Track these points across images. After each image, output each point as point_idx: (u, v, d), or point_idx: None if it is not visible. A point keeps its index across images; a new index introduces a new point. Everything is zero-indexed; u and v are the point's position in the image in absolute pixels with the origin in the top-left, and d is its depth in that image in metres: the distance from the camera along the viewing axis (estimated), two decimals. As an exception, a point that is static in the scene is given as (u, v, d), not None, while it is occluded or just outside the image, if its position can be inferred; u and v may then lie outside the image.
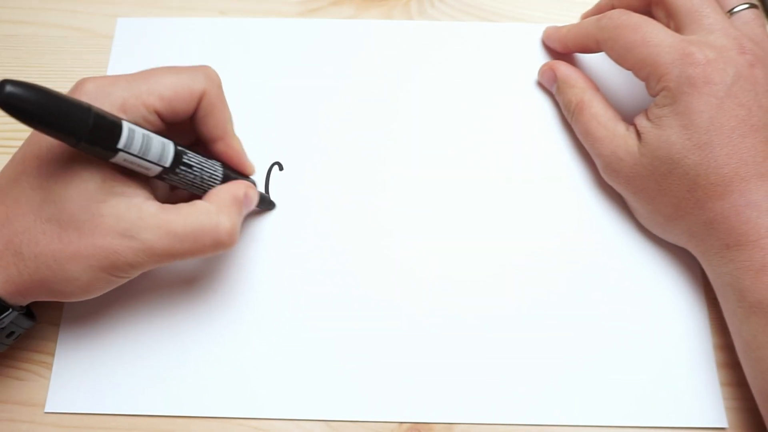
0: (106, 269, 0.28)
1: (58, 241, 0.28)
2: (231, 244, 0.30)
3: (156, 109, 0.29)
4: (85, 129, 0.25)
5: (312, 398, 0.33)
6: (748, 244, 0.30)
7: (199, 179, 0.31)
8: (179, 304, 0.35)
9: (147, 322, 0.34)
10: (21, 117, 0.24)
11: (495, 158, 0.38)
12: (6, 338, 0.31)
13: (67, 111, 0.25)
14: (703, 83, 0.31)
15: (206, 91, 0.31)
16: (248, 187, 0.33)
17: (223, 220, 0.30)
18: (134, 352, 0.34)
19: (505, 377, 0.34)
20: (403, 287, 0.35)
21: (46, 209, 0.28)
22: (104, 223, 0.28)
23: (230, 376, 0.34)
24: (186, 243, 0.29)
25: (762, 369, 0.30)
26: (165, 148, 0.29)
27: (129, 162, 0.28)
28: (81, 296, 0.30)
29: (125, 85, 0.29)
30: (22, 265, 0.28)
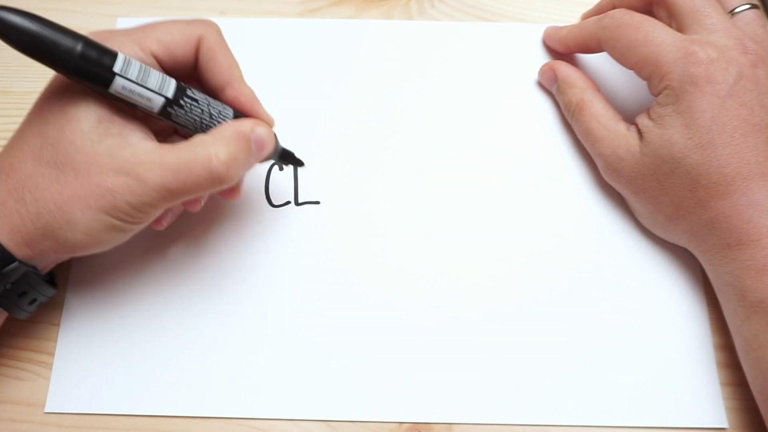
0: (105, 210, 0.28)
1: (56, 182, 0.28)
2: (228, 178, 0.29)
3: (153, 52, 0.29)
4: (74, 54, 0.26)
5: (312, 398, 0.33)
6: (749, 243, 0.30)
7: (208, 115, 0.30)
8: (179, 305, 0.35)
9: (147, 322, 0.34)
10: (11, 42, 0.25)
11: (495, 158, 0.38)
12: (20, 299, 0.30)
13: (56, 38, 0.26)
14: (706, 82, 0.31)
15: (204, 35, 0.30)
16: (257, 124, 0.30)
17: (219, 150, 0.28)
18: (134, 352, 0.34)
19: (505, 377, 0.34)
20: (402, 287, 0.35)
21: (44, 153, 0.28)
22: (99, 161, 0.28)
23: (230, 376, 0.34)
24: (179, 175, 0.28)
25: (762, 369, 0.30)
26: (165, 80, 0.28)
27: (128, 91, 0.27)
28: (88, 246, 0.29)
29: (124, 34, 0.29)
30: (25, 211, 0.28)
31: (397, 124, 0.39)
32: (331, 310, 0.35)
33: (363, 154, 0.38)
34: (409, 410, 0.33)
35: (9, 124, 0.39)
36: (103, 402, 0.33)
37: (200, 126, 0.30)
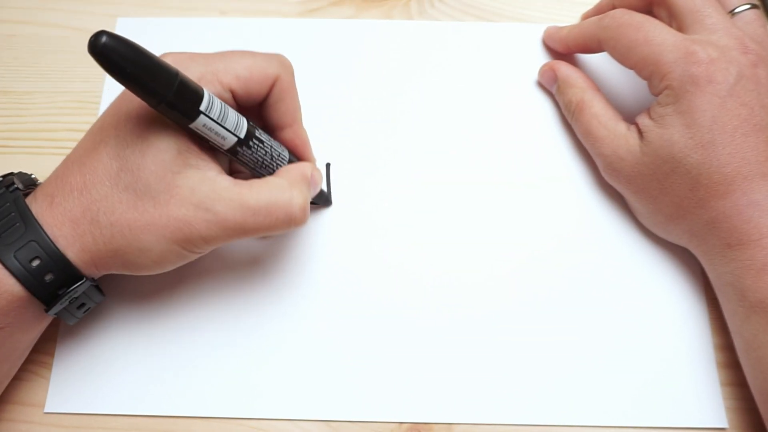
0: (178, 241, 0.28)
1: (134, 209, 0.28)
2: (303, 221, 0.30)
3: (231, 88, 0.30)
4: (171, 90, 0.26)
5: (312, 398, 0.33)
6: (749, 243, 0.30)
7: (269, 157, 0.31)
8: (178, 305, 0.35)
9: (147, 323, 0.34)
10: (112, 70, 0.24)
11: (495, 158, 0.38)
12: (77, 310, 0.31)
13: (156, 70, 0.25)
14: (706, 82, 0.31)
15: (280, 76, 0.31)
16: (314, 169, 0.32)
17: (296, 195, 0.30)
18: (134, 352, 0.34)
19: (505, 377, 0.34)
20: (402, 287, 0.35)
21: (123, 178, 0.28)
22: (179, 194, 0.28)
23: (230, 376, 0.34)
24: (259, 217, 0.29)
25: (762, 368, 0.30)
26: (239, 120, 0.29)
27: (207, 128, 0.28)
28: (152, 269, 0.30)
29: (203, 62, 0.29)
30: (98, 233, 0.28)
31: (397, 124, 0.39)
32: (330, 311, 0.35)
33: (363, 154, 0.38)
34: (409, 410, 0.33)
35: (9, 124, 0.39)
36: (103, 402, 0.33)
37: (260, 166, 0.31)
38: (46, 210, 0.29)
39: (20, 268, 0.28)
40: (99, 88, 0.40)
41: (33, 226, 0.28)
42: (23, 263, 0.28)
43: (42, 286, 0.28)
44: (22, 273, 0.28)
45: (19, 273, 0.28)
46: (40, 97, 0.40)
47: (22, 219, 0.28)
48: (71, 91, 0.40)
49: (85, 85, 0.40)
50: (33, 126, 0.39)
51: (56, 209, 0.28)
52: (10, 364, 0.31)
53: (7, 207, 0.28)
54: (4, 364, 0.30)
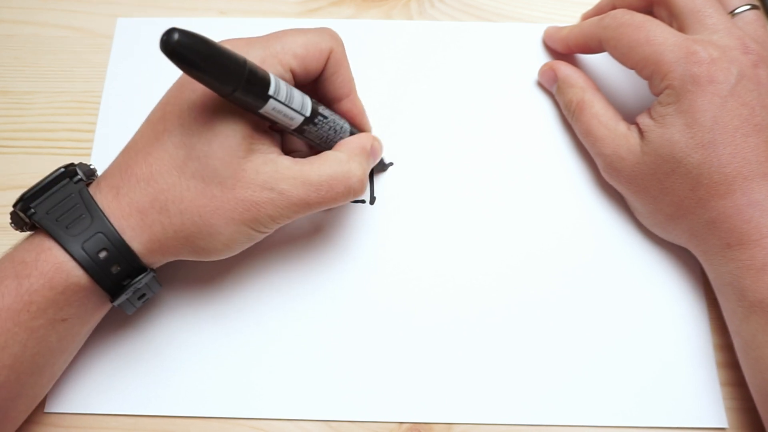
0: (247, 222, 0.29)
1: (202, 196, 0.29)
2: (362, 191, 0.31)
3: (291, 67, 0.30)
4: (242, 78, 0.26)
5: (312, 398, 0.33)
6: (749, 243, 0.30)
7: (333, 131, 0.32)
8: (178, 305, 0.35)
9: (146, 322, 0.34)
10: (187, 66, 0.25)
11: (495, 158, 0.38)
12: (137, 300, 0.31)
13: (227, 62, 0.26)
14: (707, 82, 0.31)
15: (333, 48, 0.31)
16: (374, 140, 0.33)
17: (354, 168, 0.31)
18: (134, 352, 0.34)
19: (505, 377, 0.34)
20: (402, 287, 0.35)
21: (190, 166, 0.29)
22: (245, 176, 0.29)
23: (230, 376, 0.34)
24: (321, 191, 0.30)
25: (761, 368, 0.30)
26: (304, 99, 0.30)
27: (276, 111, 0.28)
28: (222, 253, 0.31)
29: (261, 46, 0.30)
30: (168, 221, 0.29)
31: (396, 124, 0.39)
32: (330, 311, 0.35)
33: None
34: (409, 410, 0.33)
35: (9, 124, 0.39)
36: (103, 402, 0.33)
37: (325, 140, 0.32)
38: (112, 201, 0.29)
39: (88, 260, 0.28)
40: (99, 88, 0.40)
41: (99, 217, 0.29)
42: (91, 255, 0.28)
43: (108, 277, 0.29)
44: (90, 264, 0.28)
45: (87, 264, 0.28)
46: (40, 97, 0.40)
47: (88, 210, 0.29)
48: (71, 91, 0.40)
49: (85, 85, 0.40)
50: (33, 126, 0.39)
51: (122, 200, 0.29)
52: (68, 354, 0.31)
53: (72, 198, 0.29)
54: (63, 355, 0.31)
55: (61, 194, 0.29)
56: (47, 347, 0.29)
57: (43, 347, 0.29)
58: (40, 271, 0.28)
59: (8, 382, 0.28)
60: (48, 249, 0.28)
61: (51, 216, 0.29)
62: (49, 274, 0.28)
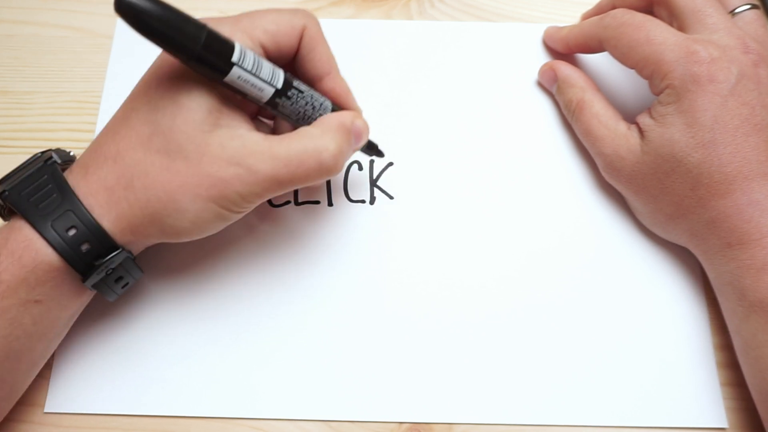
0: (214, 199, 0.28)
1: (167, 171, 0.28)
2: (336, 169, 0.30)
3: (261, 42, 0.30)
4: (199, 42, 0.26)
5: (312, 398, 0.33)
6: (750, 242, 0.30)
7: (311, 107, 0.31)
8: (178, 305, 0.35)
9: (146, 322, 0.34)
10: (138, 26, 0.25)
11: (495, 158, 0.38)
12: (115, 284, 0.31)
13: (183, 24, 0.25)
14: (708, 81, 0.31)
15: (307, 25, 0.31)
16: (356, 117, 0.32)
17: (328, 143, 0.29)
18: (134, 352, 0.34)
19: (505, 377, 0.33)
20: (401, 287, 0.35)
21: (154, 141, 0.28)
22: (210, 151, 0.28)
23: (230, 376, 0.34)
24: (290, 166, 0.29)
25: (761, 368, 0.30)
26: (275, 71, 0.29)
27: (243, 81, 0.28)
28: (192, 232, 0.30)
29: (229, 22, 0.29)
30: (133, 198, 0.28)
31: (396, 124, 0.39)
32: (330, 311, 0.35)
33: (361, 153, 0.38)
34: (409, 410, 0.33)
35: (9, 124, 0.39)
36: (103, 402, 0.33)
37: (302, 117, 0.31)
38: (81, 180, 0.29)
39: (57, 238, 0.28)
40: (99, 88, 0.40)
41: (69, 196, 0.28)
42: (60, 233, 0.28)
43: (78, 255, 0.28)
44: (59, 243, 0.28)
45: (56, 242, 0.28)
46: (40, 97, 0.40)
47: (59, 189, 0.28)
48: (71, 91, 0.40)
49: (85, 85, 0.40)
50: (33, 126, 0.39)
51: (91, 178, 0.29)
52: (46, 342, 0.31)
53: (44, 179, 0.29)
54: (42, 341, 0.30)
55: (35, 176, 0.29)
56: (22, 330, 0.28)
57: (16, 329, 0.28)
58: (9, 250, 0.28)
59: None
60: (18, 228, 0.28)
61: (23, 197, 0.28)
62: (18, 252, 0.28)
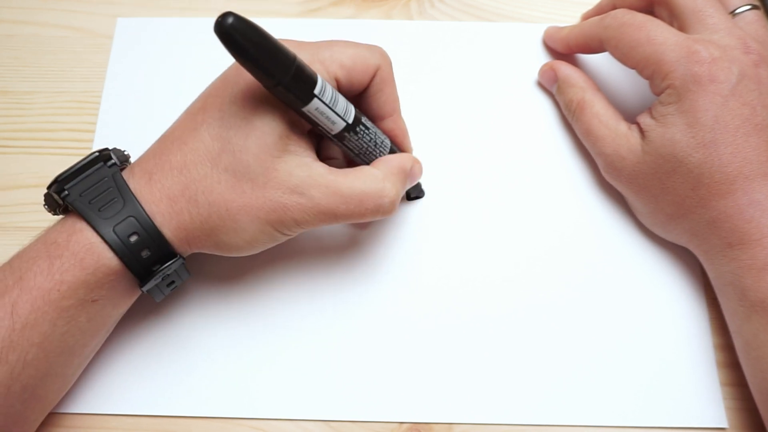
0: (272, 223, 0.29)
1: (232, 190, 0.29)
2: (391, 212, 0.31)
3: (337, 76, 0.30)
4: (289, 71, 0.26)
5: (312, 398, 0.33)
6: (750, 243, 0.30)
7: (373, 144, 0.32)
8: (177, 306, 0.35)
9: (146, 322, 0.34)
10: (237, 51, 0.25)
11: (495, 158, 0.38)
12: (166, 287, 0.31)
13: (276, 53, 0.26)
14: (709, 81, 0.31)
15: (381, 66, 0.32)
16: (416, 162, 0.33)
17: (388, 187, 0.30)
18: (134, 352, 0.34)
19: (505, 377, 0.33)
20: (401, 287, 0.35)
21: (223, 158, 0.29)
22: (277, 177, 0.29)
23: (231, 376, 0.34)
24: (350, 204, 0.29)
25: (762, 368, 0.30)
26: (348, 106, 0.30)
27: (319, 112, 0.28)
28: (243, 250, 0.31)
29: (310, 50, 0.30)
30: (196, 212, 0.29)
31: (397, 124, 0.39)
32: (330, 311, 0.35)
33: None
34: (409, 410, 0.33)
35: (9, 124, 0.39)
36: (104, 402, 0.33)
37: (364, 152, 0.32)
38: (145, 186, 0.29)
39: (119, 243, 0.28)
40: (99, 88, 0.40)
41: (131, 201, 0.29)
42: (122, 238, 0.28)
43: (138, 261, 0.29)
44: (121, 247, 0.28)
45: (118, 247, 0.28)
46: (40, 97, 0.40)
47: (121, 194, 0.29)
48: (71, 91, 0.40)
49: (85, 85, 0.40)
50: (33, 126, 0.39)
51: (155, 186, 0.29)
52: (98, 338, 0.31)
53: (105, 181, 0.29)
54: (94, 338, 0.31)
55: (95, 177, 0.29)
56: (77, 327, 0.29)
57: (72, 327, 0.29)
58: (71, 252, 0.28)
59: (36, 360, 0.28)
60: (80, 230, 0.28)
61: (84, 198, 0.29)
62: (80, 255, 0.28)
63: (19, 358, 0.27)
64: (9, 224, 0.37)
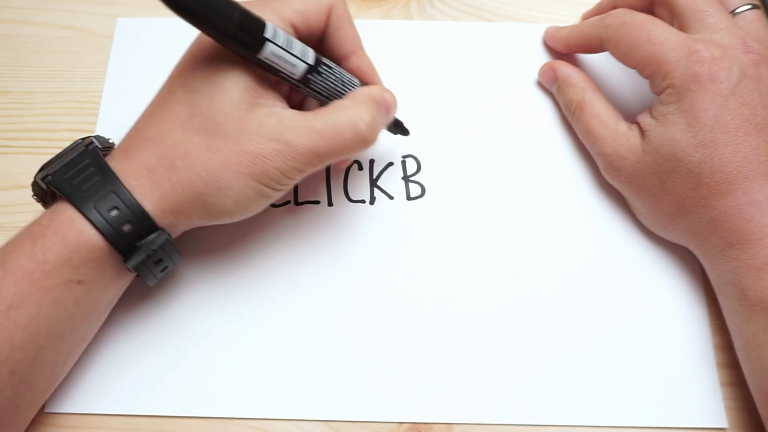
0: (254, 176, 0.29)
1: (207, 150, 0.29)
2: (372, 139, 0.30)
3: (292, 21, 0.30)
4: (233, 20, 0.26)
5: (312, 398, 0.33)
6: (750, 242, 0.30)
7: (340, 83, 0.31)
8: (176, 305, 0.35)
9: (146, 322, 0.34)
10: (175, 6, 0.25)
11: (495, 158, 0.38)
12: (155, 267, 0.31)
13: (217, 4, 0.26)
14: (709, 81, 0.31)
15: (334, 3, 0.31)
16: (384, 90, 0.32)
17: (361, 112, 0.30)
18: (134, 352, 0.34)
19: (505, 377, 0.33)
20: (401, 287, 0.35)
21: (193, 121, 0.29)
22: (249, 128, 0.29)
23: (230, 376, 0.34)
24: (327, 138, 0.29)
25: (762, 368, 0.30)
26: (305, 48, 0.30)
27: (276, 57, 0.28)
28: (234, 212, 0.30)
29: (260, 2, 0.30)
30: (175, 178, 0.29)
31: (397, 124, 0.39)
32: (330, 311, 0.35)
33: (361, 153, 0.38)
34: (409, 410, 0.33)
35: (9, 124, 0.39)
36: (103, 402, 0.33)
37: (333, 93, 0.31)
38: (122, 162, 0.29)
39: (100, 219, 0.28)
40: (99, 88, 0.40)
41: (111, 178, 0.29)
42: (102, 213, 0.28)
43: (120, 236, 0.29)
44: (102, 223, 0.28)
45: (99, 223, 0.28)
46: (40, 97, 0.40)
47: (101, 172, 0.29)
48: (71, 91, 0.40)
49: (85, 85, 0.40)
50: (33, 126, 0.39)
51: (132, 160, 0.29)
52: (87, 324, 0.31)
53: (86, 163, 0.29)
54: (83, 322, 0.31)
55: (77, 160, 0.30)
56: (64, 310, 0.29)
57: (59, 309, 0.29)
58: (53, 231, 0.28)
59: (23, 343, 0.28)
60: (62, 211, 0.29)
61: (66, 180, 0.29)
62: (62, 233, 0.28)
63: (5, 341, 0.27)
64: (9, 224, 0.37)
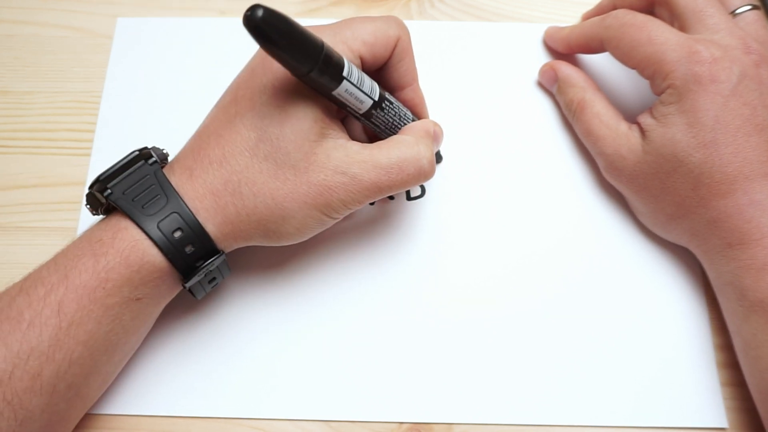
0: (319, 206, 0.29)
1: (275, 178, 0.29)
2: (432, 175, 0.31)
3: (360, 54, 0.30)
4: (318, 58, 0.26)
5: (312, 398, 0.33)
6: (750, 242, 0.30)
7: (398, 117, 0.32)
8: (175, 305, 0.35)
9: (147, 322, 0.34)
10: (267, 43, 0.25)
11: (495, 158, 0.38)
12: (208, 284, 0.31)
13: (305, 41, 0.26)
14: (709, 81, 0.31)
15: (401, 37, 0.32)
16: (436, 125, 0.34)
17: (423, 149, 0.31)
18: (134, 352, 0.34)
19: (505, 377, 0.33)
20: (401, 287, 0.35)
21: (261, 148, 0.29)
22: (317, 161, 0.29)
23: (230, 376, 0.34)
24: (391, 174, 0.30)
25: (761, 367, 0.30)
26: (372, 84, 0.30)
27: (348, 93, 0.29)
28: (293, 237, 0.31)
29: (331, 32, 0.30)
30: (241, 204, 0.29)
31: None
32: (330, 311, 0.35)
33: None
34: (409, 410, 0.33)
35: (9, 124, 0.39)
36: (103, 402, 0.33)
37: (390, 127, 0.32)
38: (186, 182, 0.29)
39: (163, 239, 0.28)
40: (99, 88, 0.40)
41: (174, 198, 0.29)
42: (166, 235, 0.28)
43: (182, 257, 0.29)
44: (165, 244, 0.28)
45: (163, 244, 0.28)
46: (40, 97, 0.40)
47: (163, 191, 0.29)
48: (71, 91, 0.40)
49: (85, 85, 0.40)
50: (33, 126, 0.39)
51: (196, 182, 0.29)
52: (139, 334, 0.31)
53: (147, 179, 0.29)
54: (135, 334, 0.31)
55: (137, 175, 0.29)
56: (121, 325, 0.29)
57: (116, 325, 0.29)
58: (116, 249, 0.28)
59: (82, 358, 0.28)
60: (124, 228, 0.29)
61: (127, 197, 0.29)
62: (125, 252, 0.28)
63: (65, 357, 0.27)
64: (9, 224, 0.37)
